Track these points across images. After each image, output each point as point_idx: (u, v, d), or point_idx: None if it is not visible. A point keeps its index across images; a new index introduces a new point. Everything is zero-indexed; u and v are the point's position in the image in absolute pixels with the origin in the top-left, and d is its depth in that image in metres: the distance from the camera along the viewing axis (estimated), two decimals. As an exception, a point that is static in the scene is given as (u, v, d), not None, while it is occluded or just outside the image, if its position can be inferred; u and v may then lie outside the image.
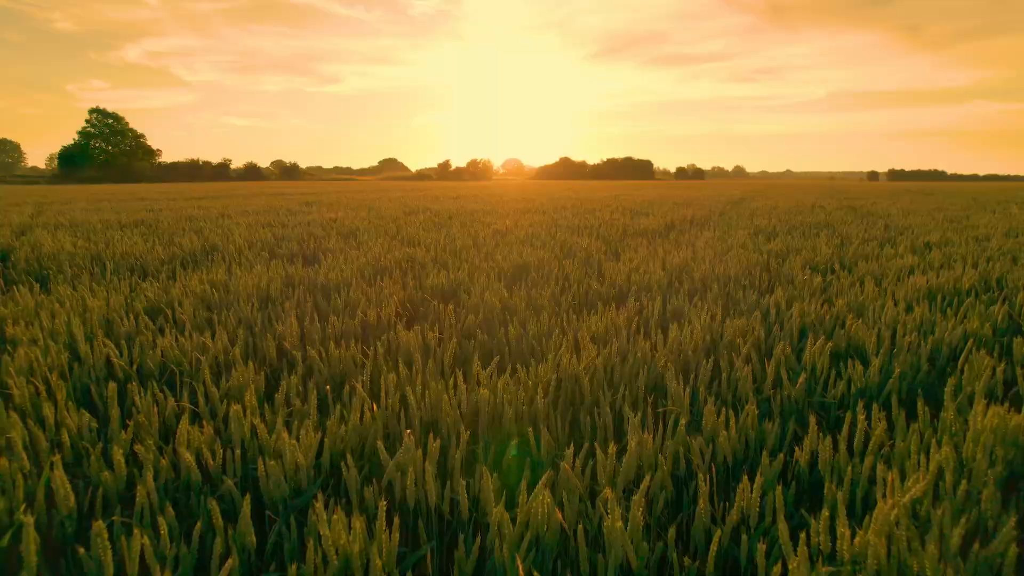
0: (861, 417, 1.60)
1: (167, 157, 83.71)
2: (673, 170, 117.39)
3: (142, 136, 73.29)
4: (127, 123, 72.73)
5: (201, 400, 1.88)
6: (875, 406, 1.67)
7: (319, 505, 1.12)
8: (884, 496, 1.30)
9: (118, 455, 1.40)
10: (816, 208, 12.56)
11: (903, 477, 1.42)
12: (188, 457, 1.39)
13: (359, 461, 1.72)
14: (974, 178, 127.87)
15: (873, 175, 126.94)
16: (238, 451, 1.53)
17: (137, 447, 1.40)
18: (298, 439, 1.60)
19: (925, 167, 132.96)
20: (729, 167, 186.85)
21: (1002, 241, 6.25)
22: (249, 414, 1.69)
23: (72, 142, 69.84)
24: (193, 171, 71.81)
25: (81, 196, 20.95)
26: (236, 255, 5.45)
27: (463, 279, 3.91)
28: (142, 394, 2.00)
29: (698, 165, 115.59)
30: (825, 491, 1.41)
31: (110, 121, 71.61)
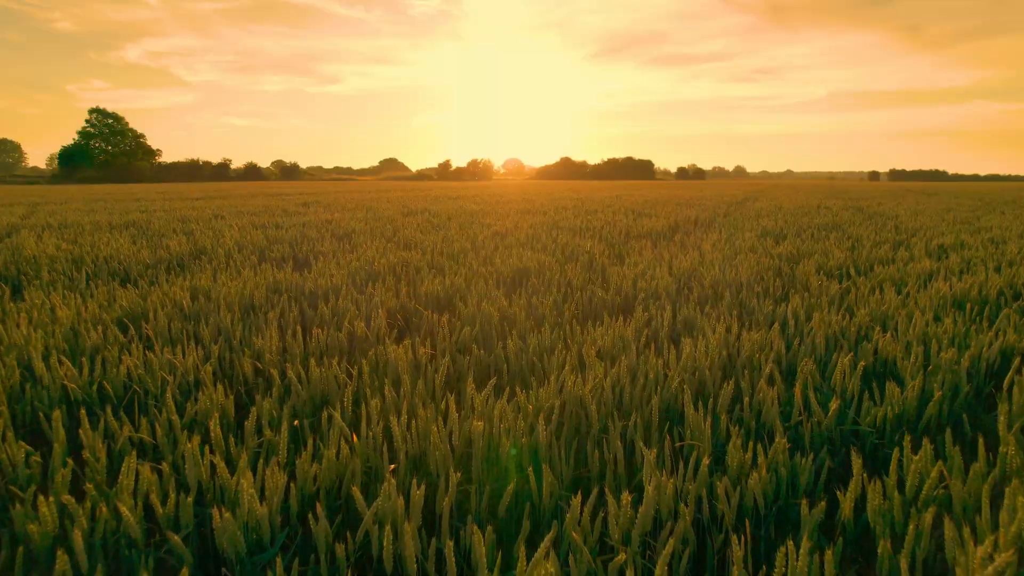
0: (915, 459, 1.38)
1: (167, 157, 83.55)
2: (674, 170, 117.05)
3: (142, 136, 73.04)
4: (127, 123, 72.50)
5: (161, 430, 1.67)
6: (926, 441, 1.45)
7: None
8: (955, 559, 1.09)
9: (43, 507, 1.18)
10: (822, 209, 12.34)
11: (975, 534, 1.21)
12: (127, 513, 1.17)
13: (334, 502, 1.50)
14: (975, 178, 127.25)
15: (874, 175, 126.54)
16: (191, 497, 1.31)
17: (65, 498, 1.18)
18: (263, 482, 1.38)
19: (925, 167, 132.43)
20: (730, 167, 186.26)
21: (1020, 243, 6.03)
22: (208, 452, 1.48)
23: (72, 142, 69.63)
24: (193, 171, 71.56)
25: (78, 196, 20.75)
26: (224, 259, 5.24)
27: (460, 285, 3.70)
28: (98, 422, 1.78)
29: (699, 165, 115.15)
30: (879, 549, 1.20)
31: (110, 121, 71.37)
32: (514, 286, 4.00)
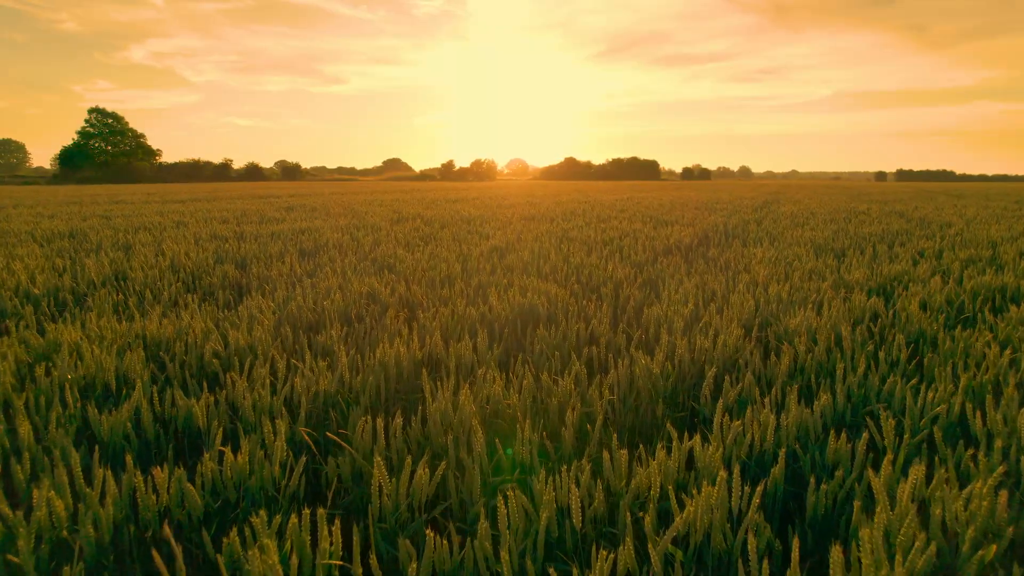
0: None
1: (171, 157, 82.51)
2: (679, 170, 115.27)
3: (142, 136, 71.88)
4: (127, 123, 71.36)
5: None
6: None
7: None
8: None
9: None
10: (858, 214, 11.11)
11: None
12: None
13: None
14: (983, 178, 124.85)
15: (880, 175, 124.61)
16: None
17: None
18: None
19: (929, 167, 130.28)
20: (735, 167, 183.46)
21: None
22: None
23: (72, 142, 68.58)
24: (194, 171, 70.43)
25: (58, 198, 19.67)
26: (141, 287, 4.07)
27: (433, 347, 2.51)
28: None
29: (704, 165, 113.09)
30: None
31: (109, 121, 70.28)
32: (514, 344, 2.80)
